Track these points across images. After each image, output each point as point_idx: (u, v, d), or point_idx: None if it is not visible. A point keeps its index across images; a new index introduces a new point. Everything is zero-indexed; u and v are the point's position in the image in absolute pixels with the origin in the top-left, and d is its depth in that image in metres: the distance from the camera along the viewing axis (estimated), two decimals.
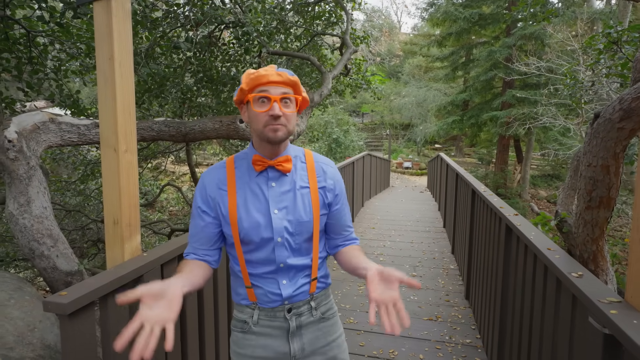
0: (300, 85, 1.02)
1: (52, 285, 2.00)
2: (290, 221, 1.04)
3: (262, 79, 0.96)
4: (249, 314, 1.09)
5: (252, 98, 0.97)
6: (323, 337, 1.13)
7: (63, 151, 4.84)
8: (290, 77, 0.99)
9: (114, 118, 1.44)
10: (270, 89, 0.97)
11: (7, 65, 2.89)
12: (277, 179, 1.06)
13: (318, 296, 1.13)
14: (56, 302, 1.09)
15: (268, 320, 1.08)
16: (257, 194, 1.04)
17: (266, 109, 0.96)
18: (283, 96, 0.97)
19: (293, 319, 1.08)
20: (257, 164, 1.04)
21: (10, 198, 1.87)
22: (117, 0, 1.41)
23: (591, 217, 1.42)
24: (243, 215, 1.02)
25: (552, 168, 16.33)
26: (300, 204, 1.05)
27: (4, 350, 1.39)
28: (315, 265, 1.10)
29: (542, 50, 11.59)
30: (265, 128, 0.98)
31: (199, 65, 3.84)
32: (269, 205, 1.03)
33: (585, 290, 1.14)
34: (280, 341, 1.09)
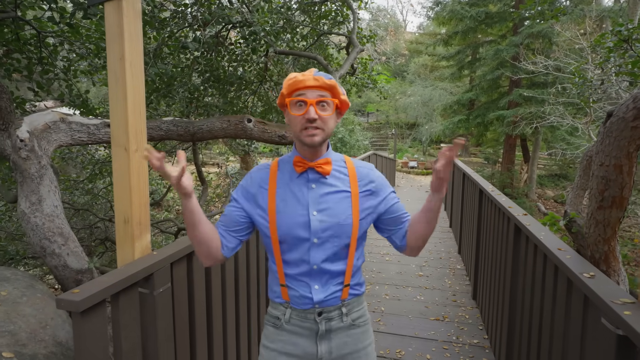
0: (339, 88, 1.04)
1: (62, 283, 2.02)
2: (329, 223, 1.05)
3: (299, 84, 1.00)
4: (281, 312, 1.12)
5: (290, 102, 1.01)
6: (352, 343, 1.13)
7: (72, 150, 4.89)
8: (327, 80, 1.01)
9: (124, 118, 1.45)
10: (307, 93, 1.00)
11: (18, 66, 2.92)
12: (317, 181, 1.08)
13: (350, 302, 1.13)
14: (69, 299, 1.11)
15: (299, 320, 1.10)
16: (297, 195, 1.07)
17: (302, 112, 1.00)
18: (319, 99, 1.00)
19: (323, 323, 1.10)
20: (297, 165, 1.07)
21: (22, 197, 1.89)
22: (127, 1, 1.42)
23: (603, 217, 1.41)
24: (282, 214, 1.05)
25: (559, 168, 16.18)
26: (340, 207, 1.07)
27: (17, 347, 1.41)
28: (349, 272, 1.10)
29: (550, 48, 11.48)
30: (301, 132, 1.02)
31: (206, 65, 3.85)
32: (308, 206, 1.05)
33: (598, 291, 1.13)
34: (309, 341, 1.11)
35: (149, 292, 1.37)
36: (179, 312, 1.51)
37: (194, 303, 1.60)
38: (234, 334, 1.92)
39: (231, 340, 1.88)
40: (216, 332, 1.75)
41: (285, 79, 1.05)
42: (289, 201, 1.06)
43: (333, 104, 1.02)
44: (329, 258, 1.07)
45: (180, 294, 1.52)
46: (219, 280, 1.78)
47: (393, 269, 4.17)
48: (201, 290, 1.65)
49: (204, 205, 5.49)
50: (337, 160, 1.13)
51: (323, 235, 1.05)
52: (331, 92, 1.02)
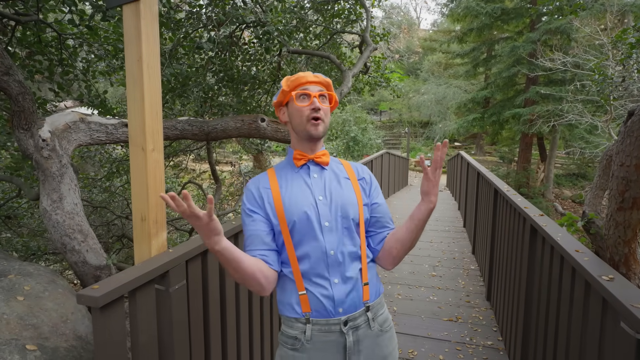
0: (331, 85, 1.16)
1: (82, 279, 2.08)
2: (336, 204, 1.09)
3: (301, 79, 1.11)
4: (300, 330, 1.04)
5: (295, 95, 1.10)
6: (380, 351, 1.09)
7: (90, 149, 5.02)
8: (324, 78, 1.14)
9: (142, 118, 1.49)
10: (310, 87, 1.10)
11: (39, 67, 3.01)
12: (318, 171, 1.14)
13: (374, 305, 1.10)
14: (89, 295, 1.14)
15: (322, 335, 1.03)
16: (300, 185, 1.11)
17: (307, 103, 1.08)
18: (320, 93, 1.10)
19: (350, 333, 1.04)
20: (297, 158, 1.13)
21: (44, 194, 1.95)
22: (145, 3, 1.45)
23: (623, 218, 1.37)
24: (288, 204, 1.07)
25: (577, 167, 15.79)
26: (343, 189, 1.12)
27: (40, 340, 1.46)
28: (364, 262, 1.09)
29: (569, 45, 11.19)
30: (308, 122, 1.08)
31: (220, 65, 3.90)
32: (312, 193, 1.09)
33: (617, 294, 1.10)
34: (336, 358, 1.04)
35: (165, 289, 1.40)
36: (194, 308, 1.54)
37: (209, 300, 1.62)
38: (247, 330, 1.95)
39: (244, 337, 1.91)
40: (230, 328, 1.77)
41: (283, 80, 1.13)
42: (294, 192, 1.09)
43: (330, 97, 1.13)
44: (342, 241, 1.06)
45: (195, 290, 1.55)
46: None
47: (406, 269, 4.15)
48: (215, 288, 1.68)
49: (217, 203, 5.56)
50: (332, 158, 1.22)
51: (332, 217, 1.07)
52: (327, 88, 1.14)
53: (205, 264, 1.62)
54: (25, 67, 3.03)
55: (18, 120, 2.21)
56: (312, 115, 1.07)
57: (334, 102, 1.15)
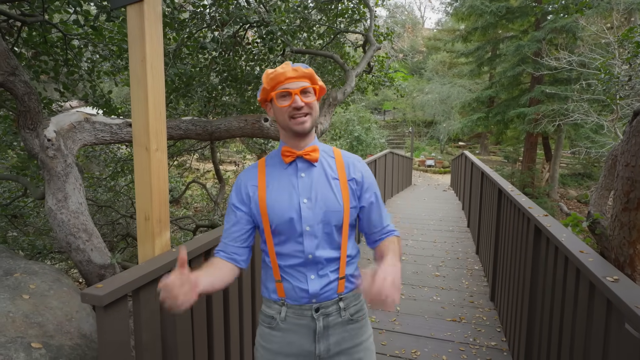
0: (315, 75, 1.10)
1: (86, 278, 2.09)
2: (319, 210, 1.07)
3: (280, 77, 1.04)
4: (276, 310, 1.11)
5: (275, 95, 1.06)
6: (350, 339, 1.12)
7: (95, 149, 5.05)
8: (305, 70, 1.07)
9: (145, 118, 1.49)
10: (290, 85, 1.05)
11: (45, 68, 3.04)
12: (306, 169, 1.11)
13: (347, 297, 1.12)
14: (93, 294, 1.15)
15: (295, 318, 1.09)
16: (287, 186, 1.09)
17: (289, 102, 1.04)
18: (302, 88, 1.05)
19: (320, 319, 1.09)
20: (285, 155, 1.10)
21: (49, 194, 1.97)
22: (148, 4, 1.46)
23: (628, 219, 1.36)
24: (272, 206, 1.07)
25: (583, 167, 15.67)
26: (330, 193, 1.09)
27: (45, 338, 1.48)
28: (343, 262, 1.11)
29: (574, 43, 11.10)
30: (290, 121, 1.06)
31: (224, 65, 3.91)
32: (298, 195, 1.08)
33: (622, 296, 1.09)
34: (306, 339, 1.09)
35: None
36: (197, 307, 1.55)
37: (212, 299, 1.63)
38: (250, 327, 1.95)
39: (247, 334, 1.92)
40: (233, 327, 1.78)
41: (263, 75, 1.08)
42: (279, 192, 1.08)
43: (314, 90, 1.08)
44: (321, 245, 1.08)
45: None
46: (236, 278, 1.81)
47: (409, 269, 4.14)
48: None
49: (221, 202, 5.58)
50: (325, 149, 1.17)
51: (314, 222, 1.06)
52: (310, 80, 1.08)
53: None
54: (31, 68, 3.06)
55: (24, 120, 2.23)
56: (293, 114, 1.05)
57: (319, 91, 1.11)
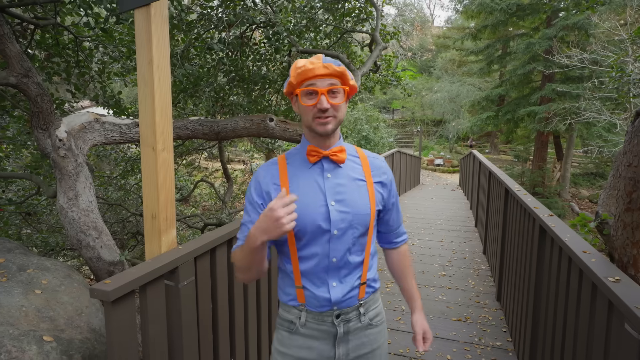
0: (348, 74, 1.01)
1: (96, 274, 2.15)
2: (348, 213, 1.02)
3: (309, 73, 0.96)
4: (296, 315, 1.07)
5: (300, 92, 0.99)
6: (369, 344, 1.10)
7: (106, 148, 5.15)
8: (337, 67, 0.98)
9: (152, 119, 1.53)
10: (318, 82, 0.97)
11: (57, 69, 3.11)
12: (332, 170, 1.05)
13: (367, 301, 1.10)
14: (101, 289, 1.19)
15: (315, 323, 1.06)
16: (312, 186, 1.03)
17: (314, 102, 0.97)
18: (330, 88, 0.97)
19: (341, 325, 1.06)
20: (311, 154, 1.04)
21: (60, 192, 2.02)
22: (155, 8, 1.49)
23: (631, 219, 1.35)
24: (299, 207, 0.99)
25: (595, 166, 15.41)
26: (357, 196, 1.04)
27: (56, 331, 1.53)
28: (366, 265, 1.08)
29: (587, 41, 10.91)
30: (314, 121, 0.99)
31: (231, 65, 3.95)
32: (325, 196, 1.02)
33: (622, 296, 1.09)
34: (326, 345, 1.07)
35: (174, 285, 1.45)
36: (202, 303, 1.58)
37: (217, 295, 1.67)
38: (255, 323, 1.99)
39: (252, 330, 1.95)
40: (237, 323, 1.81)
41: (292, 66, 1.01)
42: (305, 193, 1.01)
43: (344, 91, 1.01)
44: (349, 249, 1.04)
45: (203, 286, 1.59)
46: None
47: (415, 268, 4.14)
48: (224, 284, 1.72)
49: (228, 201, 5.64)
50: (349, 149, 1.12)
51: (342, 225, 1.01)
52: (341, 79, 1.00)
53: (214, 260, 1.66)
54: (43, 69, 3.14)
55: (37, 121, 2.30)
56: (318, 115, 0.98)
57: (350, 91, 1.04)
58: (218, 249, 1.67)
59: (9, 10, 2.43)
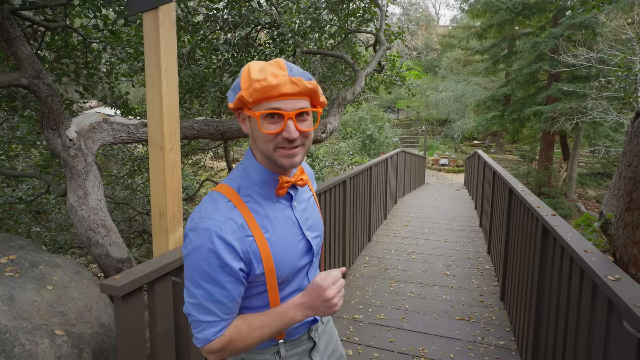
0: (319, 90, 0.81)
1: (105, 271, 2.20)
2: (318, 236, 0.94)
3: (271, 91, 0.73)
4: (272, 352, 0.92)
5: (260, 115, 0.76)
6: (331, 339, 1.09)
7: (113, 148, 5.22)
8: (308, 84, 0.76)
9: (160, 119, 1.57)
10: (284, 104, 0.75)
11: (67, 70, 3.17)
12: (296, 196, 0.91)
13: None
14: (111, 285, 1.23)
15: (294, 348, 0.96)
16: (286, 224, 0.86)
17: (278, 129, 0.76)
18: (300, 111, 0.77)
19: (315, 336, 1.00)
20: (283, 187, 0.84)
21: (70, 191, 2.07)
22: (163, 11, 1.53)
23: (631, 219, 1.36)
24: (279, 256, 0.83)
25: (602, 166, 15.27)
26: (317, 214, 0.97)
27: (67, 326, 1.57)
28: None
29: (594, 39, 10.81)
30: (276, 152, 0.78)
31: (236, 66, 4.00)
32: (301, 228, 0.89)
33: (621, 294, 1.11)
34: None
35: (181, 281, 1.48)
36: None
37: None
38: None
39: None
40: None
41: (243, 72, 0.76)
42: (281, 236, 0.84)
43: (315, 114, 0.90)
44: (316, 271, 0.98)
45: None
46: None
47: (419, 268, 4.15)
48: None
49: None
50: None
51: (317, 250, 0.95)
52: (312, 98, 0.80)
53: None
54: (53, 70, 3.20)
55: (47, 121, 2.35)
56: (282, 145, 0.77)
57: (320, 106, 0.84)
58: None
59: (20, 13, 2.49)
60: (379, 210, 5.78)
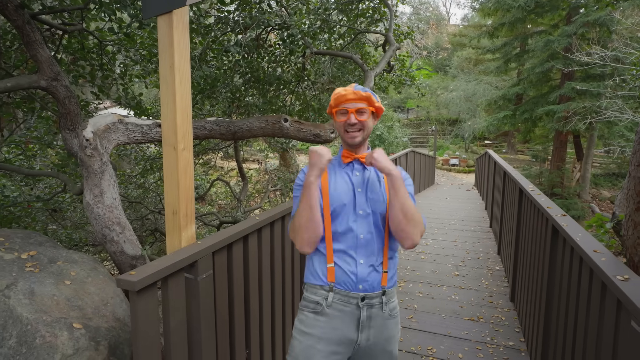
0: (374, 97, 1.32)
1: (120, 267, 2.26)
2: (370, 199, 1.28)
3: (342, 98, 1.30)
4: (322, 296, 1.24)
5: (336, 112, 1.33)
6: (387, 331, 1.27)
7: (126, 148, 5.32)
8: (363, 93, 1.30)
9: (173, 120, 1.61)
10: (348, 105, 1.29)
11: (82, 72, 3.26)
12: (360, 170, 1.34)
13: (389, 292, 1.28)
14: (127, 280, 1.28)
15: (342, 304, 1.22)
16: (344, 178, 1.32)
17: (345, 119, 1.29)
18: (358, 109, 1.29)
19: (365, 309, 1.22)
20: (345, 156, 1.35)
21: (87, 190, 2.14)
22: (177, 15, 1.57)
23: None
24: (332, 192, 1.29)
25: (617, 166, 14.96)
26: (378, 187, 1.31)
27: (84, 319, 1.63)
28: (386, 255, 1.28)
29: (608, 37, 10.60)
30: (345, 135, 1.32)
31: (247, 67, 4.04)
32: (353, 186, 1.30)
33: (630, 294, 1.11)
34: (350, 327, 1.22)
35: (194, 278, 1.52)
36: (220, 296, 1.66)
37: (233, 288, 1.74)
38: (270, 316, 2.06)
39: (267, 322, 2.02)
40: (253, 315, 1.88)
41: (332, 93, 1.34)
42: (338, 183, 1.31)
43: (369, 110, 1.31)
44: (371, 230, 1.25)
45: (220, 280, 1.67)
46: (256, 269, 1.92)
47: (428, 268, 4.15)
48: (240, 277, 1.79)
49: (244, 200, 5.75)
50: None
51: (365, 207, 1.26)
52: (367, 102, 1.31)
53: (231, 256, 1.74)
54: (70, 72, 3.29)
55: (64, 122, 2.43)
56: (347, 129, 1.29)
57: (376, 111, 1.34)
58: (235, 244, 1.74)
59: (39, 18, 2.57)
60: None
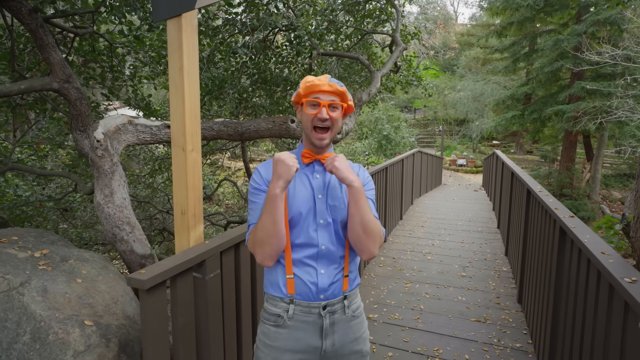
0: (347, 94, 1.19)
1: (129, 266, 2.30)
2: (331, 206, 1.18)
3: (315, 88, 1.14)
4: (283, 308, 1.16)
5: (306, 102, 1.15)
6: (352, 333, 1.21)
7: (135, 148, 5.39)
8: (339, 87, 1.15)
9: (182, 121, 1.64)
10: (321, 96, 1.14)
11: (93, 74, 3.31)
12: (321, 172, 1.21)
13: (350, 294, 1.21)
14: (137, 278, 1.30)
15: (303, 315, 1.15)
16: (304, 182, 1.19)
17: (316, 112, 1.14)
18: (331, 103, 1.15)
19: (327, 316, 1.16)
20: (305, 156, 1.20)
21: (97, 190, 2.18)
22: (186, 18, 1.60)
23: None
24: (291, 198, 1.16)
25: (629, 167, 14.71)
26: (339, 193, 1.20)
27: (95, 317, 1.66)
28: (347, 260, 1.21)
29: (619, 36, 10.43)
30: (312, 132, 1.16)
31: (254, 68, 4.08)
32: (313, 191, 1.18)
33: (637, 296, 1.11)
34: (313, 336, 1.16)
35: (202, 277, 1.55)
36: (227, 295, 1.68)
37: (240, 287, 1.76)
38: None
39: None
40: (260, 312, 1.90)
41: (302, 81, 1.18)
42: (297, 188, 1.18)
43: (342, 107, 1.18)
44: (332, 240, 1.17)
45: (228, 279, 1.69)
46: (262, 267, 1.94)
47: (434, 268, 4.13)
48: (247, 276, 1.81)
49: None
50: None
51: (326, 216, 1.17)
52: (341, 98, 1.17)
53: (238, 255, 1.76)
54: (81, 74, 3.35)
55: (76, 123, 2.47)
56: (316, 125, 1.14)
57: (347, 109, 1.21)
58: (242, 244, 1.77)
59: (52, 21, 2.62)
60: (395, 211, 5.76)
